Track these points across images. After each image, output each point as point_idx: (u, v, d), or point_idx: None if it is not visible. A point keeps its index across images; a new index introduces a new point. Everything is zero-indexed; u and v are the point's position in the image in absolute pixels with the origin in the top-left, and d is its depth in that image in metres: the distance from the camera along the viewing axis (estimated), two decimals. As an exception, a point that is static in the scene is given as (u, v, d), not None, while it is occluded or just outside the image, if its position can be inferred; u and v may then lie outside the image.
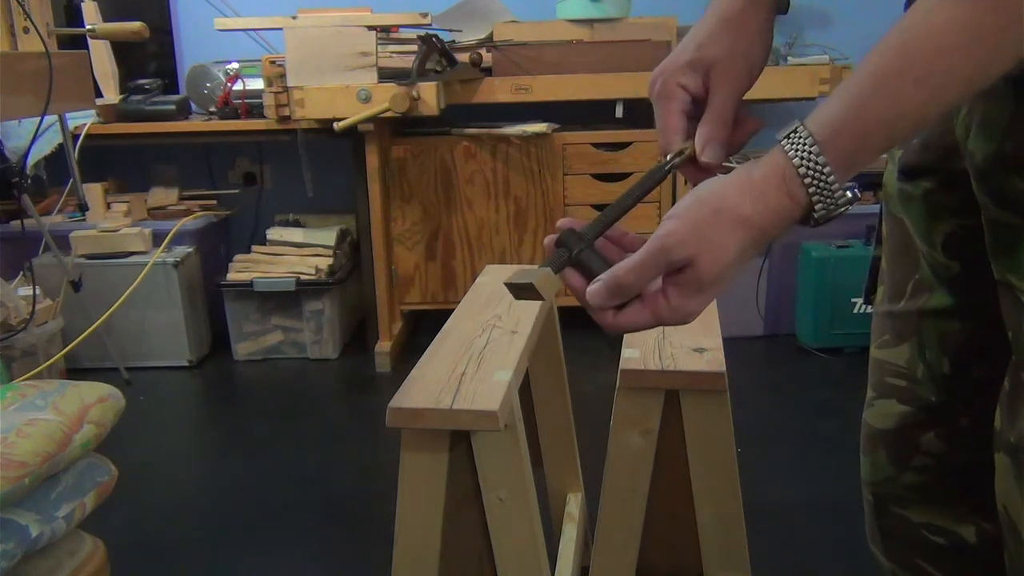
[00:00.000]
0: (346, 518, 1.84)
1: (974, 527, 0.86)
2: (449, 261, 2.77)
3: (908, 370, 0.85)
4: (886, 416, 0.88)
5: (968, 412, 0.82)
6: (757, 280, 2.76)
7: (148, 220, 2.86)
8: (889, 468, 0.89)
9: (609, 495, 1.02)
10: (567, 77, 2.60)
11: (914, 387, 0.85)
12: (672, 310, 0.60)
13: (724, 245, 0.58)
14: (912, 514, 0.88)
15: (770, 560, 1.46)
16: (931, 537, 0.88)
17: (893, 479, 0.89)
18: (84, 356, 2.61)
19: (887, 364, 0.87)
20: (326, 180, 2.86)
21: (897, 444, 0.87)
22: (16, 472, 1.09)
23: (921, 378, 0.85)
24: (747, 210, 0.57)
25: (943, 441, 0.85)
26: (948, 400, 0.83)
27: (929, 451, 0.85)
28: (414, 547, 0.91)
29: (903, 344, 0.86)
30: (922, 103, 0.53)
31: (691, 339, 1.04)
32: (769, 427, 2.15)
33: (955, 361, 0.82)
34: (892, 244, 0.86)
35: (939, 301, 0.80)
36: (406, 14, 2.38)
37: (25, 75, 1.78)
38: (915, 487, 0.88)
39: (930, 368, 0.83)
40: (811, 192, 0.56)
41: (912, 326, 0.84)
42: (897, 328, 0.86)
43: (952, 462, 0.85)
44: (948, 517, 0.87)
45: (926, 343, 0.83)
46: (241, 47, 2.93)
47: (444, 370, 0.94)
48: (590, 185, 2.72)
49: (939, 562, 0.88)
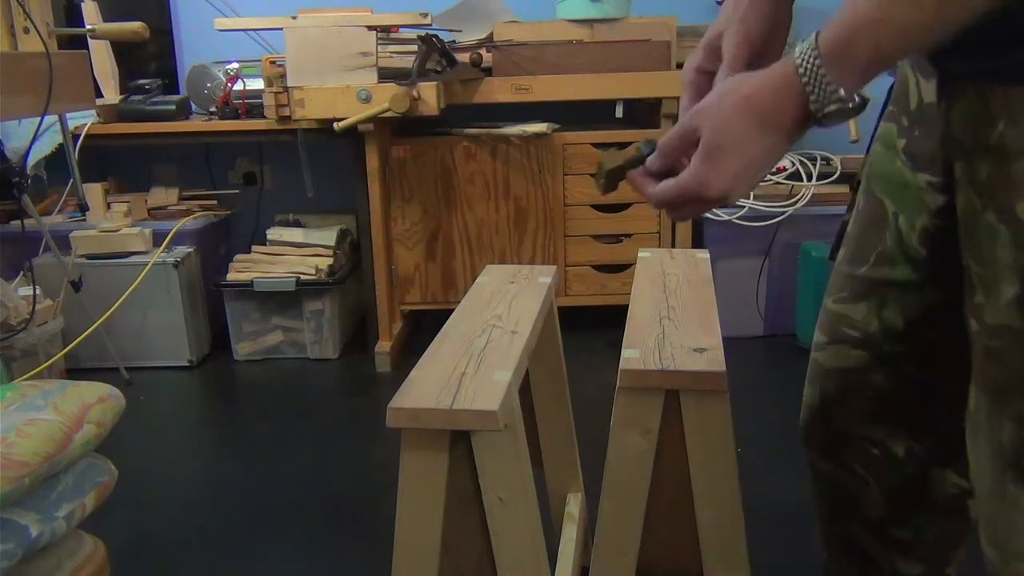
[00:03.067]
0: (346, 518, 1.85)
1: (904, 446, 0.99)
2: (449, 261, 2.77)
3: (863, 325, 0.95)
4: (840, 358, 0.99)
5: (915, 363, 0.94)
6: (757, 280, 2.76)
7: (148, 220, 2.86)
8: (838, 395, 1.01)
9: (609, 495, 1.02)
10: (567, 77, 2.60)
11: (867, 338, 0.96)
12: (690, 176, 0.70)
13: (727, 118, 0.68)
14: (852, 427, 1.01)
15: (770, 560, 1.46)
16: (867, 447, 1.01)
17: (840, 403, 1.01)
18: (84, 356, 2.61)
19: (844, 317, 0.97)
20: (326, 180, 2.86)
21: (848, 380, 0.99)
22: (16, 472, 1.09)
23: (874, 332, 0.95)
24: (749, 90, 0.67)
25: (889, 382, 0.96)
26: (898, 351, 0.94)
27: (876, 388, 0.97)
28: (414, 547, 0.91)
29: (860, 303, 0.95)
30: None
31: (691, 339, 1.04)
32: (769, 427, 2.15)
33: (909, 322, 0.92)
34: (864, 217, 0.94)
35: (901, 274, 0.90)
36: (406, 14, 2.38)
37: (25, 75, 1.78)
38: (862, 412, 1.00)
39: (884, 324, 0.94)
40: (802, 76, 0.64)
41: (870, 289, 0.94)
42: (856, 288, 0.96)
43: (895, 399, 0.97)
44: (886, 435, 0.99)
45: (885, 304, 0.93)
46: (241, 47, 2.93)
47: (444, 370, 0.94)
48: (590, 185, 2.72)
49: (870, 467, 1.02)
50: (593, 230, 2.76)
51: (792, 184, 2.66)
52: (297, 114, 2.42)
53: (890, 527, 1.06)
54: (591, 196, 2.73)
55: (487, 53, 2.68)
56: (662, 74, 2.59)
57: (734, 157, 0.68)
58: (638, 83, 2.59)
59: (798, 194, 2.64)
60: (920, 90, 0.83)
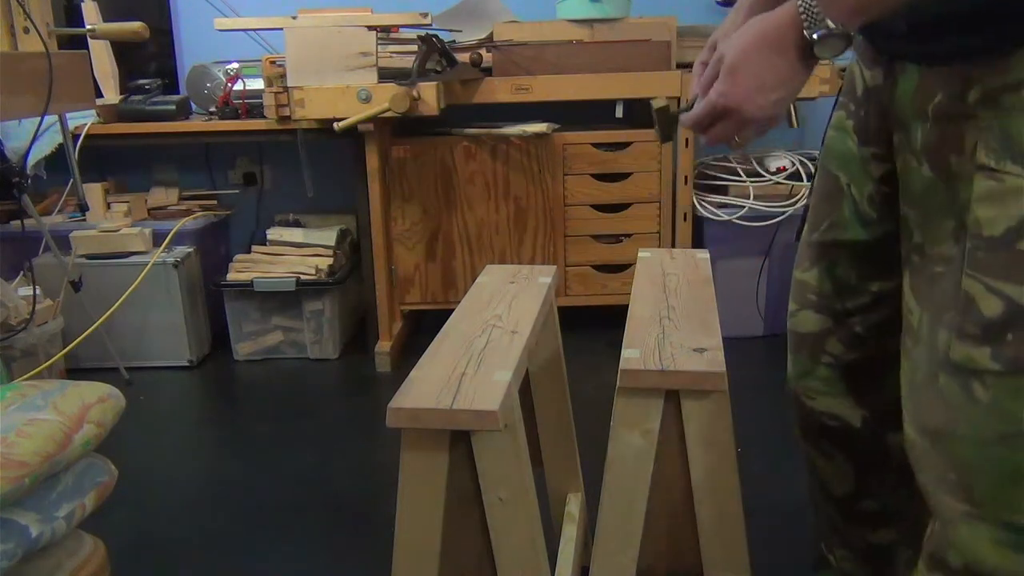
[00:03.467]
0: (346, 518, 1.85)
1: (859, 414, 1.13)
2: (449, 261, 2.78)
3: (818, 286, 1.11)
4: (806, 322, 1.14)
5: (863, 321, 1.09)
6: (757, 280, 2.76)
7: (148, 220, 2.86)
8: (808, 364, 1.15)
9: (609, 495, 1.02)
10: (567, 77, 2.60)
11: (824, 300, 1.11)
12: (713, 91, 0.87)
13: (743, 44, 0.85)
14: (817, 405, 1.16)
15: (770, 560, 1.46)
16: (828, 423, 1.15)
17: (809, 373, 1.15)
18: (84, 356, 2.61)
19: (806, 284, 1.13)
20: (326, 180, 2.86)
21: (813, 345, 1.14)
22: (16, 472, 1.09)
23: (827, 292, 1.10)
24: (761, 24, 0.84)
25: (842, 343, 1.11)
26: (849, 308, 1.09)
27: (831, 352, 1.12)
28: (414, 547, 0.91)
29: (815, 268, 1.11)
30: None
31: (691, 339, 1.04)
32: (769, 427, 2.15)
33: (860, 275, 1.07)
34: (820, 192, 1.11)
35: (852, 235, 1.06)
36: (406, 14, 2.38)
37: (25, 75, 1.78)
38: (825, 380, 1.14)
39: (837, 282, 1.09)
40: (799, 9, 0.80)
41: (823, 253, 1.10)
42: (812, 255, 1.12)
43: (846, 360, 1.11)
44: (843, 407, 1.14)
45: (837, 263, 1.09)
46: (241, 47, 2.93)
47: (444, 370, 0.94)
48: (590, 185, 2.72)
49: (835, 441, 1.16)
50: (593, 230, 2.76)
51: (792, 184, 2.66)
52: (297, 114, 2.42)
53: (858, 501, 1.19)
54: (591, 196, 2.73)
55: (487, 53, 2.68)
56: (662, 74, 2.59)
57: (748, 74, 0.85)
58: (638, 83, 2.59)
59: (798, 194, 2.64)
60: (864, 78, 1.01)
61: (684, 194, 2.69)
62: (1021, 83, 0.78)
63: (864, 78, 1.01)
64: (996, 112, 0.79)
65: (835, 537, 1.28)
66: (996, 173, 0.79)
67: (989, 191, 0.80)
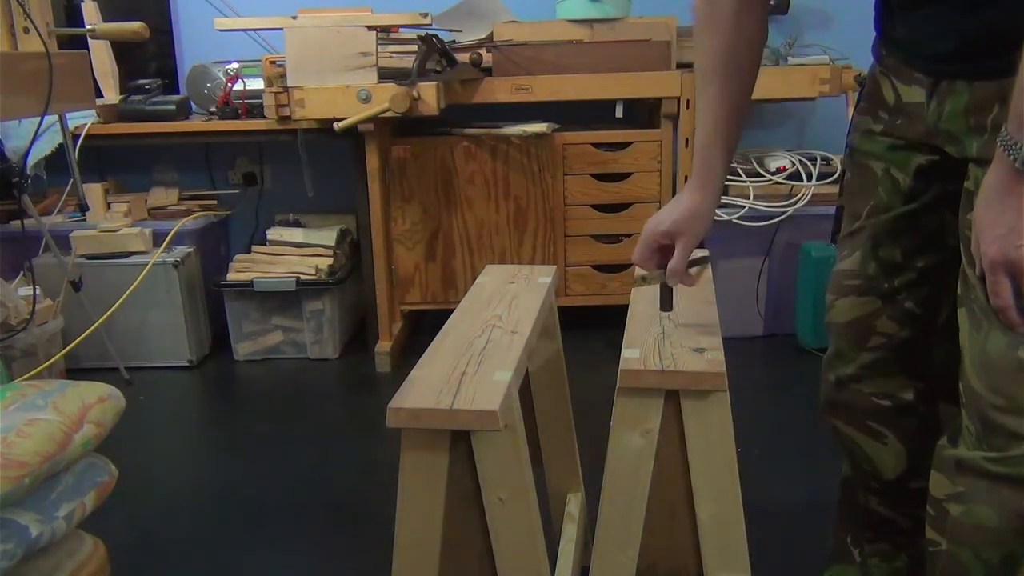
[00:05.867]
0: (346, 518, 1.84)
1: (912, 388, 1.15)
2: (449, 261, 2.78)
3: (861, 270, 1.13)
4: (848, 310, 1.15)
5: (912, 296, 1.11)
6: (757, 280, 2.76)
7: (148, 220, 2.86)
8: (851, 352, 1.16)
9: (609, 495, 1.02)
10: (567, 77, 2.60)
11: (868, 282, 1.13)
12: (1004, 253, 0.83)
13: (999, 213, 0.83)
14: (864, 387, 1.16)
15: (770, 560, 1.46)
16: (879, 401, 1.16)
17: (854, 361, 1.16)
18: (84, 356, 2.61)
19: (844, 272, 1.15)
20: (326, 180, 2.86)
21: (858, 331, 1.15)
22: (16, 472, 1.09)
23: (873, 273, 1.12)
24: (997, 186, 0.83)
25: (893, 321, 1.13)
26: (897, 286, 1.12)
27: (883, 331, 1.13)
28: (414, 547, 0.91)
29: (856, 252, 1.13)
30: None
31: (691, 339, 1.04)
32: (769, 427, 2.15)
33: (905, 252, 1.10)
34: (853, 188, 1.14)
35: (896, 210, 1.09)
36: (406, 14, 2.38)
37: (25, 75, 1.78)
38: (870, 364, 1.15)
39: (882, 262, 1.12)
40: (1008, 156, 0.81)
41: (866, 236, 1.12)
42: (852, 244, 1.14)
43: (899, 338, 1.13)
44: (893, 385, 1.15)
45: (880, 245, 1.11)
46: (241, 47, 2.93)
47: (444, 370, 0.94)
48: (590, 185, 2.72)
49: (883, 419, 1.17)
50: (593, 230, 2.76)
51: (792, 184, 2.66)
52: (297, 114, 2.42)
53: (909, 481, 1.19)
54: (591, 196, 2.73)
55: (487, 53, 2.68)
56: (662, 74, 2.59)
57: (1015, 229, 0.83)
58: (638, 83, 2.59)
59: (798, 194, 2.64)
60: (897, 91, 1.06)
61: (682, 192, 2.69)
62: None
63: (897, 92, 1.06)
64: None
65: (867, 532, 1.27)
66: None
67: None
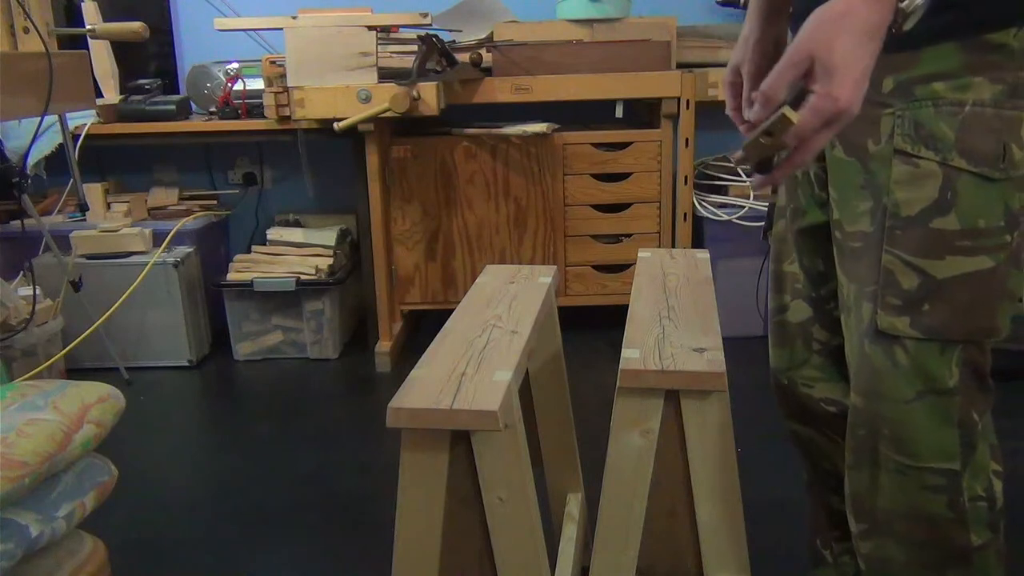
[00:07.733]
0: (346, 518, 1.85)
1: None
2: (449, 261, 2.77)
3: (800, 277, 1.16)
4: (800, 312, 1.17)
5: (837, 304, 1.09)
6: (757, 280, 2.76)
7: (148, 220, 2.86)
8: (803, 354, 1.18)
9: (609, 495, 1.02)
10: (567, 77, 2.60)
11: (804, 290, 1.16)
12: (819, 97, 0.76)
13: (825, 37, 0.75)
14: (815, 393, 1.18)
15: (770, 560, 1.45)
16: (826, 408, 1.18)
17: (805, 362, 1.18)
18: (84, 356, 2.61)
19: (792, 275, 1.18)
20: (326, 180, 2.86)
21: (805, 334, 1.17)
22: (16, 472, 1.09)
23: (805, 282, 1.15)
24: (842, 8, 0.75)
25: (825, 329, 1.15)
26: (824, 295, 1.14)
27: (818, 339, 1.16)
28: (414, 547, 0.91)
29: (785, 260, 1.18)
30: None
31: (691, 339, 1.04)
32: (769, 427, 2.15)
33: (826, 262, 1.10)
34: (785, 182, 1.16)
35: (813, 219, 1.11)
36: (406, 14, 2.38)
37: (25, 75, 1.78)
38: (819, 368, 1.17)
39: (807, 271, 1.14)
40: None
41: (791, 245, 1.15)
42: (784, 249, 1.18)
43: (832, 345, 1.14)
44: (838, 391, 1.16)
45: (804, 251, 1.14)
46: (241, 47, 2.93)
47: (444, 370, 0.94)
48: (590, 185, 2.72)
49: (832, 426, 1.18)
50: (593, 230, 2.76)
51: (792, 184, 2.66)
52: (297, 114, 2.42)
53: None
54: (591, 196, 2.73)
55: (487, 53, 2.68)
56: (662, 74, 2.59)
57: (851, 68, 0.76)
58: (638, 83, 2.59)
59: (798, 194, 2.64)
60: None
61: (684, 194, 2.69)
62: (930, 76, 0.87)
63: None
64: (908, 102, 0.88)
65: (834, 532, 1.28)
66: (912, 158, 0.89)
67: (906, 174, 0.89)
